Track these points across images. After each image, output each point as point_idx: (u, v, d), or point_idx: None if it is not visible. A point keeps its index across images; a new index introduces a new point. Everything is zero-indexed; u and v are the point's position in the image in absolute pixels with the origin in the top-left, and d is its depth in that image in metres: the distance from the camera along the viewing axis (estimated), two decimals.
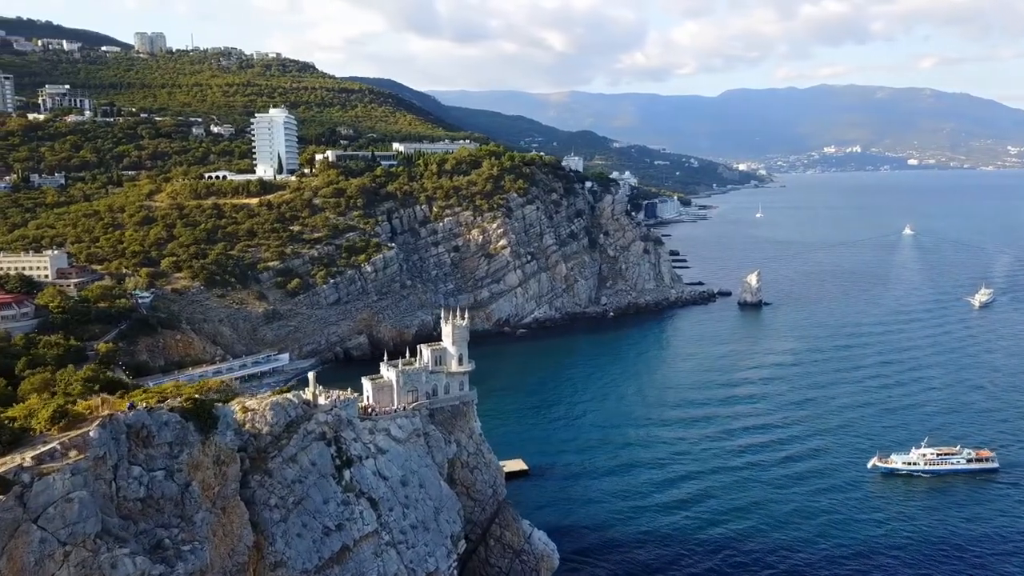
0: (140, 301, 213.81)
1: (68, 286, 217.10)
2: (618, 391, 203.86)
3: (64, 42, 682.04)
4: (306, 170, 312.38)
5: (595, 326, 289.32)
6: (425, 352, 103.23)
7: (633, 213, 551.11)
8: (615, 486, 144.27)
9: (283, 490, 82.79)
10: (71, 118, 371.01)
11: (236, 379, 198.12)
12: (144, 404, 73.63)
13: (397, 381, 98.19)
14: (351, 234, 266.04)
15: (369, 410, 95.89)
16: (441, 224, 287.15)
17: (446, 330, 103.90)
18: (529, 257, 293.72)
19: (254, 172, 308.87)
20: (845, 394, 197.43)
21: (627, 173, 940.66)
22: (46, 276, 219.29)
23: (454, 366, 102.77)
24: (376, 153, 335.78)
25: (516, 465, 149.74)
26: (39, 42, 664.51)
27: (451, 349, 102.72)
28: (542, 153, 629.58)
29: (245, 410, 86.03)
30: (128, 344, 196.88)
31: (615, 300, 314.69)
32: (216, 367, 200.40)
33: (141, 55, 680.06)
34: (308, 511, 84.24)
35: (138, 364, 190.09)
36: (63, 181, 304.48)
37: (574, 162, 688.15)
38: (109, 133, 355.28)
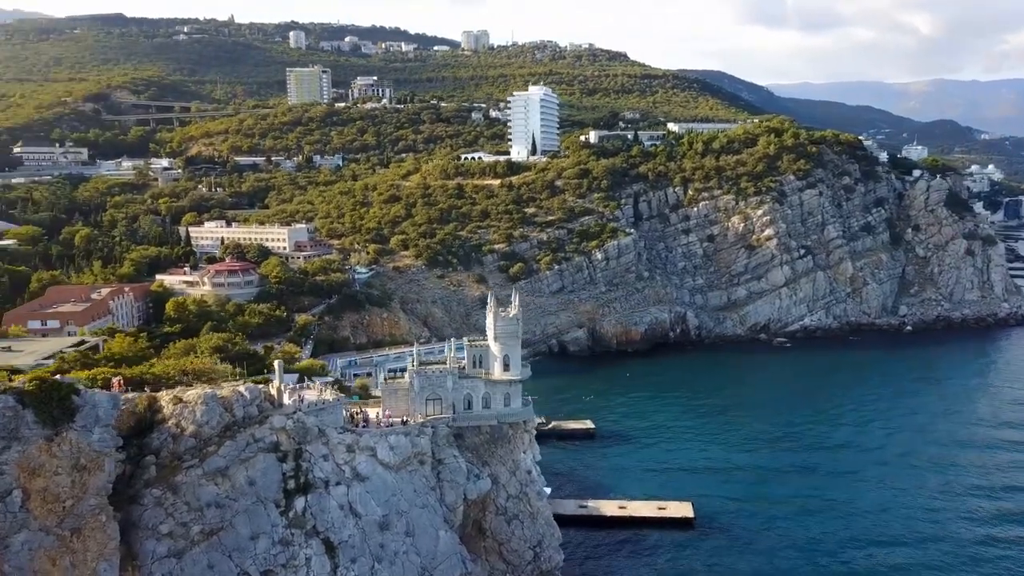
0: (356, 276, 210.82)
1: (298, 258, 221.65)
2: (879, 430, 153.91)
3: (402, 44, 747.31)
4: (567, 152, 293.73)
5: (885, 341, 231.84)
6: (465, 349, 75.72)
7: (985, 211, 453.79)
8: (808, 555, 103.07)
9: (188, 514, 61.78)
10: (368, 105, 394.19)
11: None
12: None
13: (412, 384, 72.12)
14: (587, 218, 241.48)
15: (362, 419, 71.30)
16: (695, 209, 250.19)
17: (488, 321, 75.46)
18: (803, 251, 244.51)
19: (509, 153, 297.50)
20: None
21: (990, 167, 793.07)
22: (284, 248, 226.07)
23: (497, 372, 74.03)
24: (639, 132, 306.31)
25: (680, 510, 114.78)
26: (382, 45, 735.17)
27: (494, 348, 74.00)
28: (873, 139, 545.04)
29: (176, 401, 66.47)
30: (333, 319, 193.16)
31: (918, 311, 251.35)
32: (413, 349, 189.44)
33: (465, 52, 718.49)
34: (224, 547, 62.31)
35: (334, 340, 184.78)
36: (340, 162, 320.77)
37: (915, 152, 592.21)
38: (394, 119, 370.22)
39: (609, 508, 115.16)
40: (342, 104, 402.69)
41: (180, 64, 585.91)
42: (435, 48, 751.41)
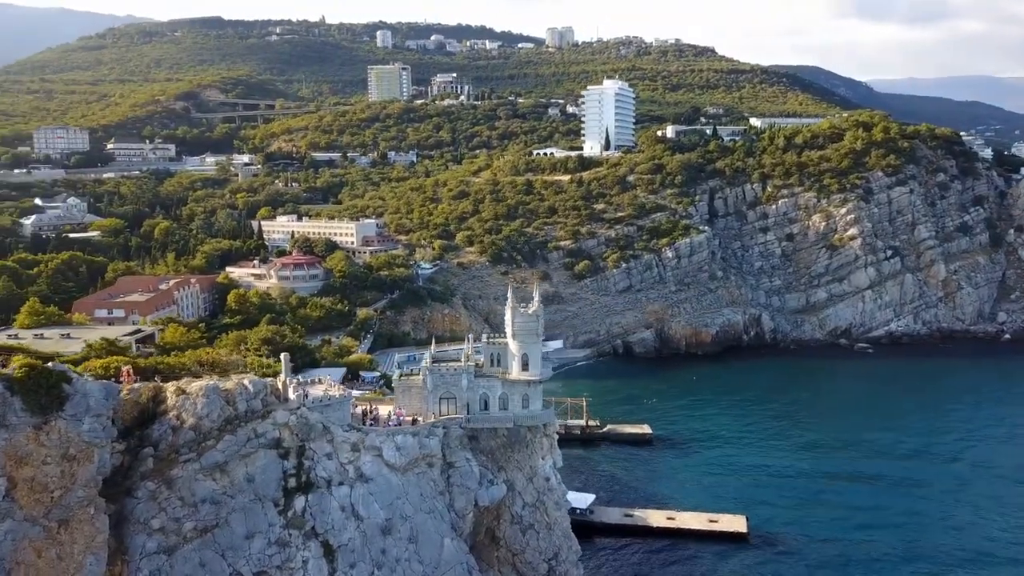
0: (420, 272, 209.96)
1: (364, 253, 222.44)
2: (957, 442, 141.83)
3: (487, 42, 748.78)
4: (642, 147, 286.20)
5: (980, 350, 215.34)
6: (483, 346, 71.78)
7: None
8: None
9: (182, 509, 59.90)
10: (446, 102, 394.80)
11: None
12: None
13: (425, 382, 68.63)
14: (658, 214, 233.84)
15: (372, 416, 68.19)
16: (774, 207, 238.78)
17: (507, 317, 71.25)
18: (890, 252, 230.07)
19: (583, 149, 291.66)
20: None
21: None
22: (352, 243, 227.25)
23: (515, 371, 69.68)
24: (719, 127, 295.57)
25: (732, 524, 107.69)
26: (467, 43, 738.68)
27: (512, 346, 69.72)
28: (981, 136, 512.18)
29: (179, 392, 64.86)
30: (395, 313, 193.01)
31: (1019, 318, 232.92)
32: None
33: (549, 49, 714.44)
34: (217, 546, 60.23)
35: (394, 335, 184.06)
36: (414, 159, 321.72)
37: None
38: (470, 115, 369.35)
39: (656, 518, 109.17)
40: (420, 101, 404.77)
41: (270, 64, 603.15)
42: (519, 46, 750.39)
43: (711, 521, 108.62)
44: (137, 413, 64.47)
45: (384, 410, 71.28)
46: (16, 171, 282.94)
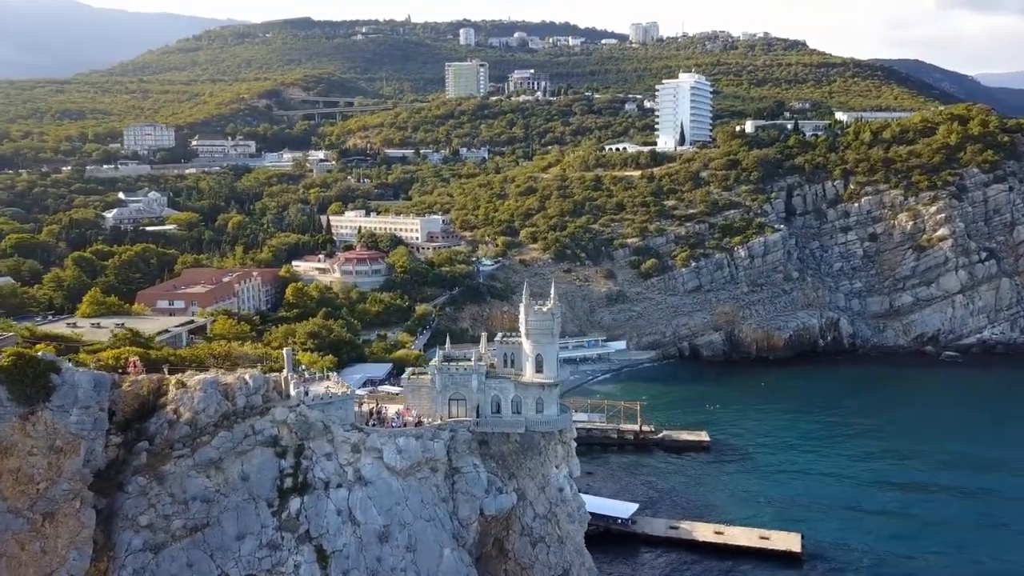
0: (481, 269, 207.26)
1: (427, 249, 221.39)
2: None
3: (570, 39, 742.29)
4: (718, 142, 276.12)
5: None
6: (496, 346, 67.64)
7: None
8: None
9: (172, 507, 58.18)
10: (521, 98, 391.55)
11: None
12: None
13: (434, 381, 65.03)
14: (732, 212, 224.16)
15: (375, 417, 65.00)
16: (856, 205, 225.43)
17: (521, 315, 66.74)
18: (985, 254, 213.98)
19: (656, 144, 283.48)
20: None
21: None
22: (416, 238, 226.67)
23: (529, 373, 65.17)
24: (801, 122, 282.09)
25: (785, 541, 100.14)
26: (550, 40, 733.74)
27: (526, 346, 65.24)
28: None
29: (180, 385, 63.23)
30: (454, 310, 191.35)
31: None
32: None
33: (633, 45, 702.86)
34: (207, 546, 58.31)
35: (452, 331, 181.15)
36: (485, 155, 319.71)
37: None
38: (544, 111, 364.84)
39: (703, 532, 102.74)
40: (495, 97, 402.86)
41: (355, 63, 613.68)
42: (602, 42, 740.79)
43: (762, 538, 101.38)
44: (138, 406, 63.25)
45: (392, 409, 68.16)
46: (105, 167, 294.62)
